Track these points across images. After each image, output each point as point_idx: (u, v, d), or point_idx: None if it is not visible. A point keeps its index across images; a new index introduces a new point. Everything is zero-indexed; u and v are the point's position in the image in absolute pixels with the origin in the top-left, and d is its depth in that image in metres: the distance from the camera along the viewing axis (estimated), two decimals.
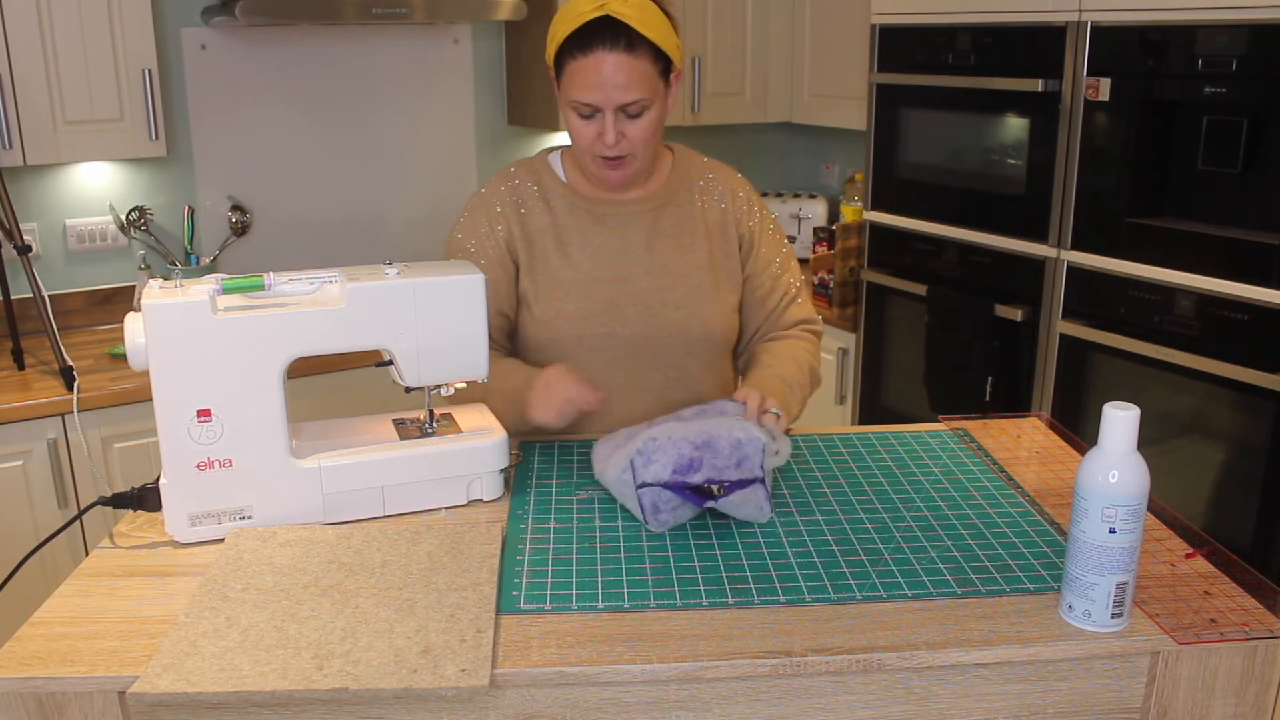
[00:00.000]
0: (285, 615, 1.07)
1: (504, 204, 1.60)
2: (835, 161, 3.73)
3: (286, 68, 3.01)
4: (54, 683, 0.99)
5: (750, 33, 3.39)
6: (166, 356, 1.20)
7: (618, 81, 1.45)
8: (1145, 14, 2.17)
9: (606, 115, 1.48)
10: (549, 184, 1.62)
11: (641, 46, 1.46)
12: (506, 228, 1.60)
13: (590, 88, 1.46)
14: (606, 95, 1.46)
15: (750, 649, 1.03)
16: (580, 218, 1.60)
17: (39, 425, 2.35)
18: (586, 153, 1.53)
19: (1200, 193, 2.18)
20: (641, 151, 1.53)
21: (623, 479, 1.30)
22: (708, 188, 1.66)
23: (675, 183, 1.64)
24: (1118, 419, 1.02)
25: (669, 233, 1.61)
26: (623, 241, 1.60)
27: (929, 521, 1.29)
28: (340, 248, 3.19)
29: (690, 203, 1.64)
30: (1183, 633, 1.05)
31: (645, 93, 1.48)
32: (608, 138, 1.49)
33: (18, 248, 2.42)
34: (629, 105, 1.48)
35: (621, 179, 1.56)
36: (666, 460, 1.26)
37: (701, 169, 1.68)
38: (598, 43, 1.45)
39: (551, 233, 1.59)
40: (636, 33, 1.46)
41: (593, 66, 1.45)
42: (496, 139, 3.37)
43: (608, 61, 1.45)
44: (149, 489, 1.27)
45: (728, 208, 1.66)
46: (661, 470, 1.26)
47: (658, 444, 1.28)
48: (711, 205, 1.65)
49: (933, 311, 2.73)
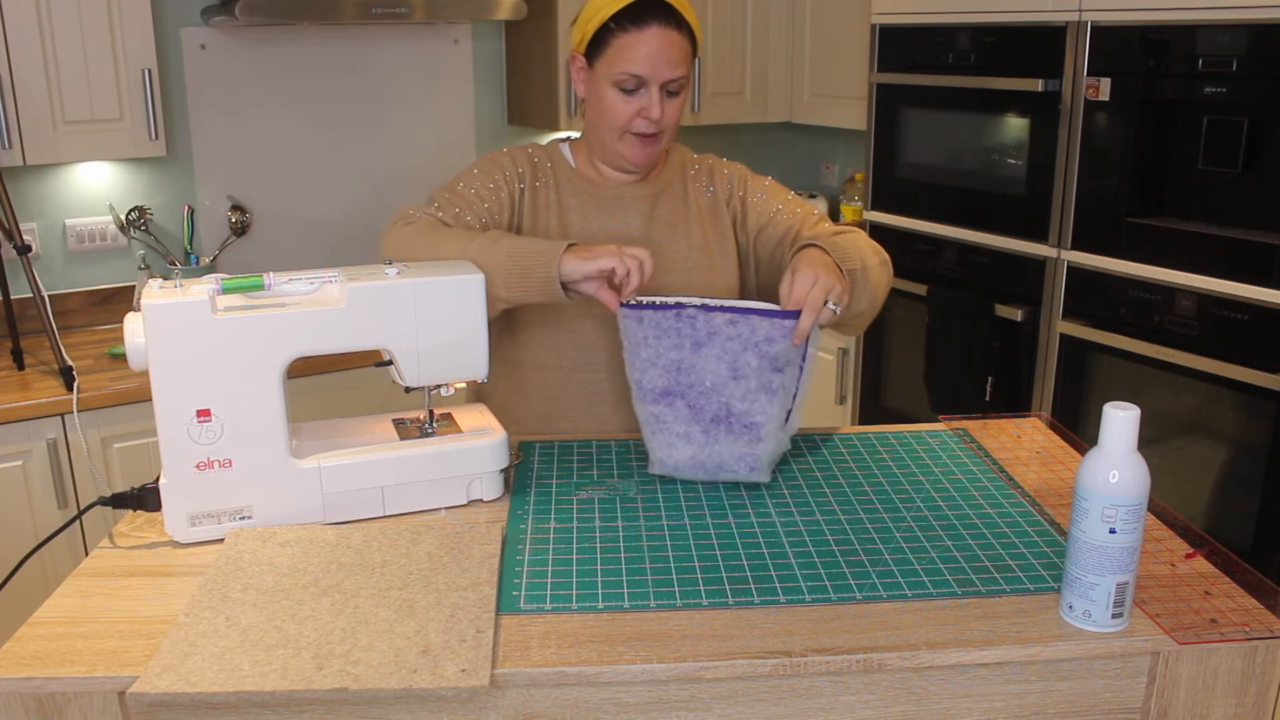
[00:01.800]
0: (285, 615, 1.07)
1: (523, 167, 1.63)
2: (835, 161, 3.73)
3: (286, 68, 3.00)
4: (54, 683, 0.99)
5: (750, 33, 3.39)
6: (166, 356, 1.20)
7: (670, 57, 1.50)
8: (1145, 14, 2.17)
9: (652, 90, 1.52)
10: (560, 166, 1.66)
11: (686, 28, 1.53)
12: (521, 187, 1.62)
13: (643, 60, 1.50)
14: (657, 69, 1.50)
15: (750, 649, 1.02)
16: (584, 201, 1.63)
17: (39, 425, 2.35)
18: (619, 129, 1.55)
19: (1200, 193, 2.18)
20: (670, 131, 1.58)
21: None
22: (697, 176, 1.70)
23: (670, 173, 1.68)
24: (1118, 419, 1.02)
25: (664, 219, 1.65)
26: (621, 226, 1.63)
27: (929, 521, 1.29)
28: (340, 248, 3.18)
29: (683, 191, 1.68)
30: (1183, 633, 1.05)
31: (687, 70, 1.54)
32: (654, 112, 1.52)
33: (17, 248, 2.42)
34: (673, 81, 1.52)
35: (648, 157, 1.59)
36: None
37: (691, 160, 1.72)
38: (653, 17, 1.50)
39: (556, 210, 1.62)
40: (683, 15, 1.52)
41: (649, 40, 1.49)
42: (496, 138, 3.37)
43: (663, 36, 1.50)
44: (149, 489, 1.27)
45: (716, 189, 1.69)
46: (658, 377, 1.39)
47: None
48: (701, 191, 1.69)
49: (933, 311, 2.73)
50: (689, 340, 1.37)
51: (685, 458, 1.38)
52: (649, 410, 1.40)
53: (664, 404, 1.39)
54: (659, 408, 1.39)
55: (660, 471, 1.40)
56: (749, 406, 1.37)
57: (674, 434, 1.38)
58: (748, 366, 1.36)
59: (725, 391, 1.37)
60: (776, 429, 1.38)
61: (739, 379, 1.37)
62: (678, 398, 1.38)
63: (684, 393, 1.38)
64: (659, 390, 1.39)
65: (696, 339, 1.37)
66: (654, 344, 1.39)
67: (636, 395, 1.41)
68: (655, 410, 1.39)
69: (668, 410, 1.39)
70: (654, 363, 1.39)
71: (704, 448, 1.37)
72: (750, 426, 1.37)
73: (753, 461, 1.37)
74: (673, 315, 1.38)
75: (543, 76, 3.13)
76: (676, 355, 1.38)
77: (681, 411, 1.38)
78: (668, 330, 1.38)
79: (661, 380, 1.39)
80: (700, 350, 1.37)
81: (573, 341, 1.60)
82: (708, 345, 1.37)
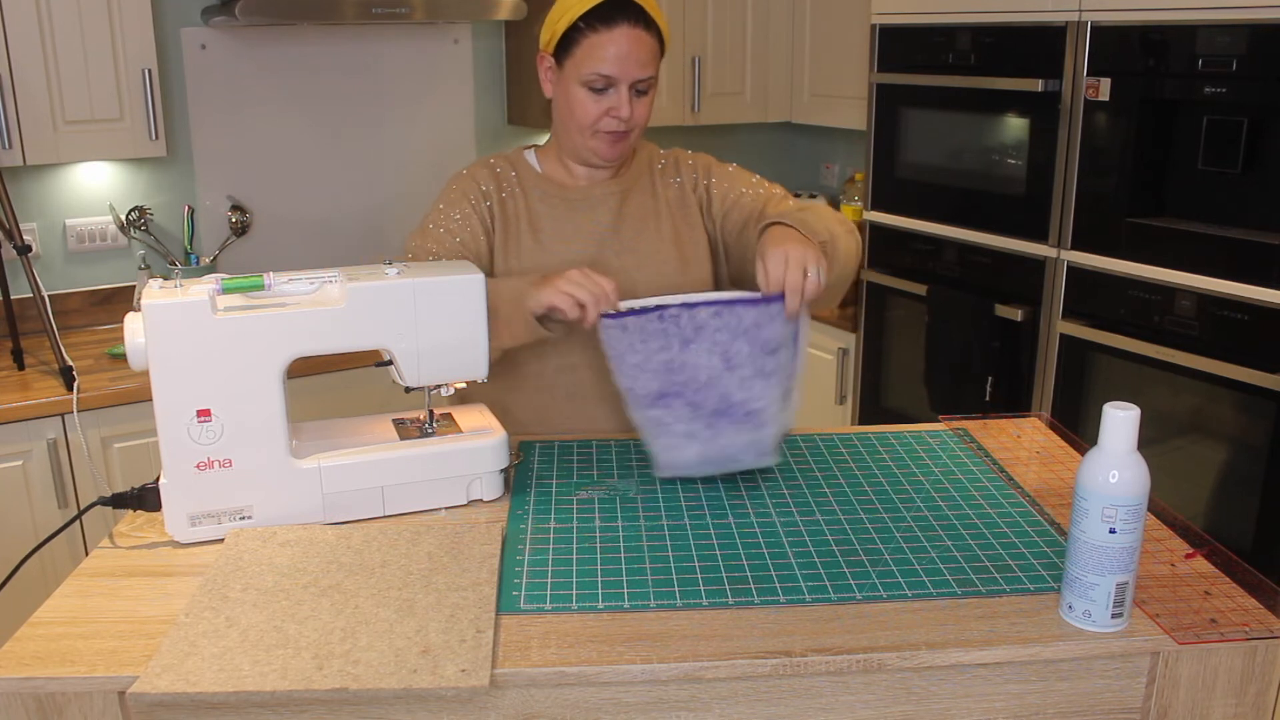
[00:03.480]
0: (285, 615, 1.07)
1: (487, 184, 1.64)
2: (835, 161, 3.73)
3: (286, 68, 3.00)
4: (54, 683, 0.99)
5: (750, 33, 3.38)
6: (166, 356, 1.20)
7: (640, 57, 1.52)
8: (1145, 14, 2.17)
9: (621, 89, 1.53)
10: (525, 173, 1.67)
11: (654, 28, 1.54)
12: (489, 205, 1.63)
13: (612, 60, 1.51)
14: (626, 69, 1.52)
15: (750, 649, 1.02)
16: (553, 205, 1.64)
17: (39, 425, 2.35)
18: (589, 129, 1.56)
19: (1200, 193, 2.18)
20: (639, 129, 1.59)
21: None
22: (664, 170, 1.71)
23: (638, 169, 1.70)
24: (1118, 419, 1.02)
25: (635, 215, 1.65)
26: (593, 224, 1.64)
27: (929, 521, 1.29)
28: (340, 248, 3.18)
29: (651, 186, 1.69)
30: (1183, 633, 1.05)
31: (655, 70, 1.55)
32: (623, 112, 1.54)
33: (17, 248, 2.42)
34: (641, 81, 1.54)
35: (619, 152, 1.60)
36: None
37: (658, 155, 1.73)
38: (621, 17, 1.51)
39: (526, 218, 1.63)
40: (648, 14, 1.53)
41: (618, 40, 1.51)
42: (496, 139, 3.37)
43: (632, 36, 1.51)
44: (149, 489, 1.27)
45: (682, 180, 1.70)
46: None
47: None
48: (669, 184, 1.70)
49: (933, 311, 2.73)
50: (676, 339, 1.37)
51: (692, 456, 1.37)
52: (647, 415, 1.39)
53: (661, 406, 1.38)
54: (657, 411, 1.38)
55: (669, 474, 1.39)
56: (747, 394, 1.37)
57: (677, 434, 1.38)
58: (740, 354, 1.36)
59: (722, 383, 1.37)
60: (778, 411, 1.38)
61: (733, 368, 1.37)
62: (675, 397, 1.38)
63: (680, 391, 1.37)
64: (654, 394, 1.38)
65: (684, 337, 1.37)
66: (641, 349, 1.37)
67: (630, 402, 1.40)
68: (653, 414, 1.38)
69: (666, 412, 1.38)
70: (643, 367, 1.38)
71: (709, 443, 1.37)
72: (752, 414, 1.37)
73: (760, 447, 1.37)
74: (655, 318, 1.37)
75: None
76: (666, 356, 1.37)
77: (681, 411, 1.37)
78: (653, 333, 1.37)
79: (655, 383, 1.38)
80: (689, 347, 1.37)
81: (551, 345, 1.59)
82: (696, 341, 1.37)
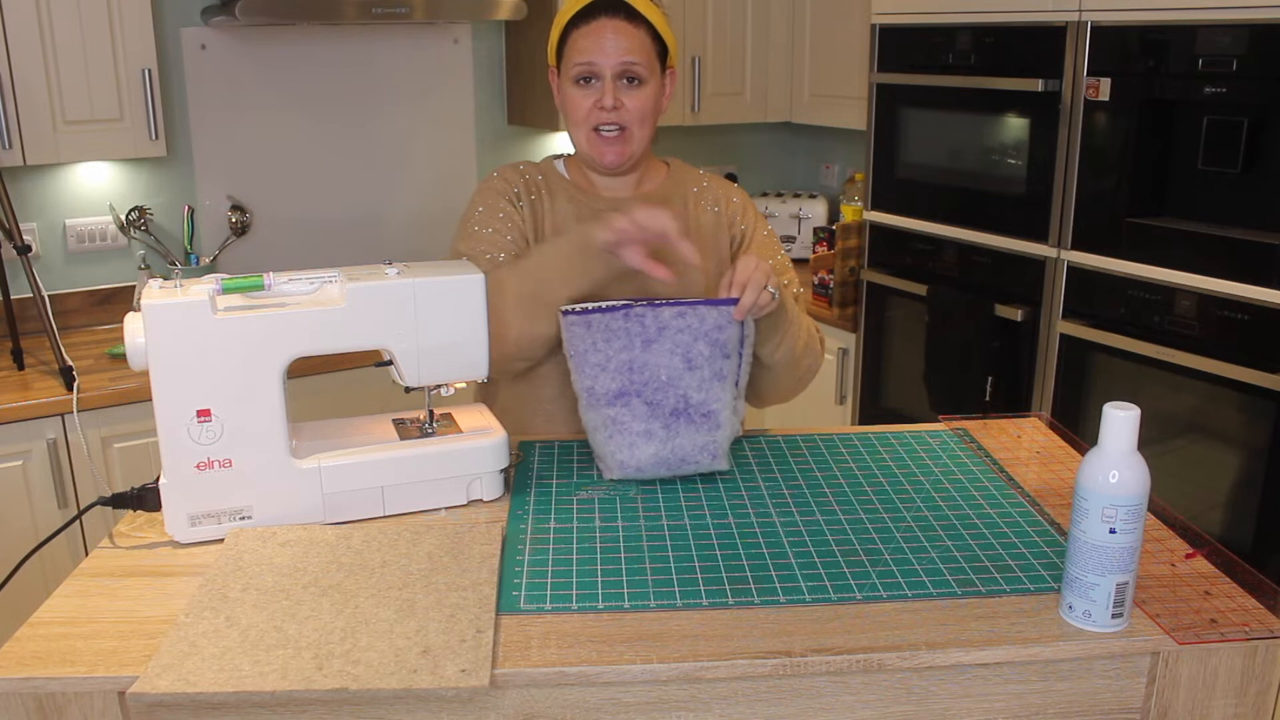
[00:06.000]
0: (285, 615, 1.07)
1: (519, 188, 1.65)
2: (835, 161, 3.73)
3: (286, 68, 3.01)
4: (54, 683, 0.99)
5: (750, 33, 3.39)
6: (166, 356, 1.20)
7: (619, 44, 1.53)
8: (1145, 14, 2.17)
9: (605, 79, 1.54)
10: (552, 179, 1.66)
11: (641, 21, 1.55)
12: (522, 205, 1.64)
13: (590, 50, 1.54)
14: (606, 55, 1.53)
15: (750, 649, 1.02)
16: (580, 209, 1.63)
17: (39, 425, 2.35)
18: (584, 126, 1.57)
19: (1200, 193, 2.18)
20: (638, 128, 1.57)
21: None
22: (701, 194, 1.69)
23: (670, 188, 1.68)
24: (1118, 419, 1.02)
25: None
26: None
27: (929, 521, 1.29)
28: (340, 248, 3.19)
29: (684, 208, 1.67)
30: (1183, 633, 1.05)
31: (643, 59, 1.55)
32: (606, 100, 1.54)
33: (17, 248, 2.42)
34: (628, 70, 1.54)
35: (618, 157, 1.58)
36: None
37: (696, 179, 1.72)
38: (600, 12, 1.55)
39: (552, 222, 1.63)
40: (635, 9, 1.55)
41: (595, 31, 1.54)
42: (496, 139, 3.37)
43: (610, 26, 1.54)
44: (149, 489, 1.27)
45: (721, 210, 1.69)
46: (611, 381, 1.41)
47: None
48: (705, 210, 1.68)
49: (933, 311, 2.73)
50: (639, 339, 1.39)
51: (648, 455, 1.38)
52: (604, 414, 1.40)
53: (620, 405, 1.39)
54: (614, 410, 1.39)
55: (620, 475, 1.39)
56: (705, 395, 1.40)
57: (634, 433, 1.38)
58: (700, 356, 1.39)
59: (681, 383, 1.39)
60: (731, 415, 1.42)
61: (693, 369, 1.39)
62: (634, 396, 1.39)
63: (639, 390, 1.39)
64: (613, 393, 1.39)
65: (646, 336, 1.39)
66: (603, 348, 1.40)
67: (587, 402, 1.41)
68: (610, 413, 1.39)
69: (625, 410, 1.39)
70: (604, 367, 1.40)
71: (665, 443, 1.38)
72: (708, 415, 1.40)
73: (714, 449, 1.39)
74: (621, 316, 1.39)
75: (543, 77, 3.12)
76: (628, 355, 1.39)
77: (639, 410, 1.39)
78: (617, 331, 1.40)
79: (615, 383, 1.39)
80: (651, 347, 1.39)
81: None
82: (658, 341, 1.39)
